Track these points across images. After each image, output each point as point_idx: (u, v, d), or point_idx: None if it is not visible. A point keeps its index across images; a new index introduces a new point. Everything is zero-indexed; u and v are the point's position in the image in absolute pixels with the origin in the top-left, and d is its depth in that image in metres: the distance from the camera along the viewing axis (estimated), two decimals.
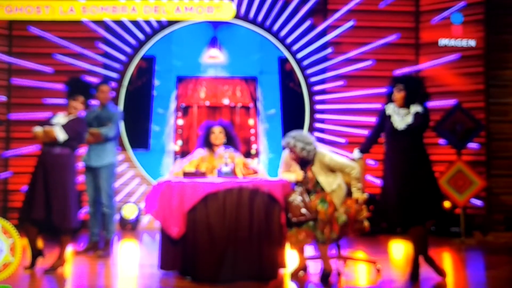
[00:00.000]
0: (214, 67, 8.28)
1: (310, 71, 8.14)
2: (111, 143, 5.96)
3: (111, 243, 5.96)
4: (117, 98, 7.93)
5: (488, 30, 7.71)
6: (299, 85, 8.18)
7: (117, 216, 6.73)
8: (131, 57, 8.06)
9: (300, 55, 8.15)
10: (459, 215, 7.09)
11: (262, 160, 8.19)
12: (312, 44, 8.12)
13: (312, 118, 8.12)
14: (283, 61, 8.25)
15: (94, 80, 7.24)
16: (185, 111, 8.25)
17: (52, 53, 7.89)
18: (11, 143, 7.96)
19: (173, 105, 8.22)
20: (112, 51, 8.01)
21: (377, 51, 8.03)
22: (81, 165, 5.90)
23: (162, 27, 8.07)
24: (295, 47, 8.15)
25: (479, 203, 7.52)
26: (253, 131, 8.26)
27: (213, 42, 8.25)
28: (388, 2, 8.06)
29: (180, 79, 8.28)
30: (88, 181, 5.99)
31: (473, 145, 7.51)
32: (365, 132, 6.97)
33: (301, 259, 4.84)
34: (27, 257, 4.99)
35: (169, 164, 8.01)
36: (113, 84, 7.71)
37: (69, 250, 5.51)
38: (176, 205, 4.70)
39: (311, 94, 8.15)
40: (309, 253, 5.26)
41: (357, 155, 5.14)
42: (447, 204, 7.14)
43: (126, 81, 8.03)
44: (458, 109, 7.34)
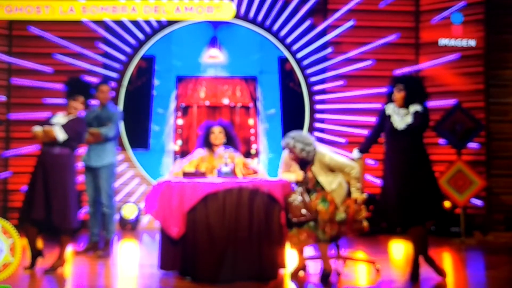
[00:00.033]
0: (214, 67, 8.27)
1: (310, 71, 8.13)
2: (111, 143, 5.95)
3: (111, 243, 5.96)
4: (117, 98, 7.92)
5: (488, 30, 7.71)
6: (299, 85, 8.17)
7: (117, 216, 6.73)
8: (131, 57, 8.06)
9: (300, 55, 8.14)
10: (459, 215, 7.09)
11: (262, 160, 8.19)
12: (312, 44, 8.12)
13: (312, 118, 8.11)
14: (283, 61, 8.24)
15: (94, 80, 7.24)
16: (185, 111, 8.25)
17: (52, 53, 7.89)
18: (11, 143, 7.95)
19: (173, 105, 8.22)
20: (112, 51, 8.00)
21: (377, 51, 8.02)
22: (80, 165, 5.90)
23: (162, 27, 8.06)
24: (295, 47, 8.14)
25: (479, 203, 7.52)
26: (253, 131, 8.25)
27: (213, 42, 8.25)
28: (388, 2, 8.05)
29: (180, 79, 8.28)
30: (88, 181, 5.98)
31: (473, 145, 7.50)
32: (365, 132, 6.96)
33: (301, 259, 4.84)
34: (27, 257, 4.99)
35: (169, 164, 8.00)
36: (113, 84, 7.71)
37: (69, 250, 5.50)
38: (176, 205, 4.70)
39: (311, 94, 8.14)
40: (309, 253, 5.26)
41: (356, 155, 5.14)
42: (447, 204, 7.13)
43: (126, 81, 8.03)
44: (458, 109, 7.34)
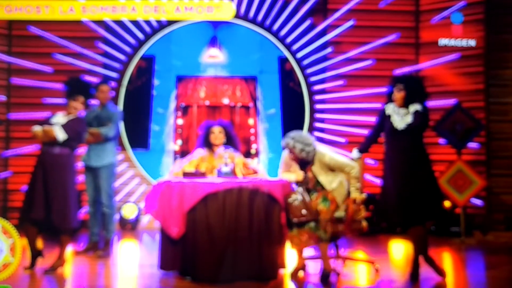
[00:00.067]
0: (214, 67, 8.27)
1: (310, 70, 8.13)
2: (111, 143, 5.95)
3: (111, 243, 5.96)
4: (116, 97, 7.92)
5: (488, 29, 7.71)
6: (299, 85, 8.17)
7: (117, 216, 6.72)
8: (130, 57, 8.05)
9: (300, 54, 8.14)
10: (459, 214, 7.09)
11: (262, 159, 8.18)
12: (312, 43, 8.11)
13: (312, 117, 8.11)
14: (283, 60, 8.24)
15: (94, 79, 7.24)
16: (184, 110, 8.24)
17: (51, 52, 7.88)
18: (11, 142, 7.95)
19: (172, 104, 8.21)
20: (111, 51, 8.00)
21: (377, 50, 8.02)
22: (80, 165, 5.89)
23: (161, 26, 8.06)
24: (295, 47, 8.14)
25: (479, 202, 7.52)
26: (253, 130, 8.25)
27: (213, 41, 8.24)
28: (388, 1, 8.05)
29: (179, 79, 8.28)
30: (88, 181, 5.98)
31: (473, 145, 7.50)
32: (365, 131, 6.95)
33: (300, 259, 4.83)
34: (27, 257, 4.98)
35: (169, 163, 8.00)
36: (112, 83, 7.71)
37: (69, 250, 5.50)
38: (176, 205, 4.70)
39: (311, 93, 8.14)
40: (309, 253, 5.26)
41: (356, 155, 5.13)
42: (447, 203, 7.13)
43: (125, 81, 8.02)
44: (458, 108, 7.33)
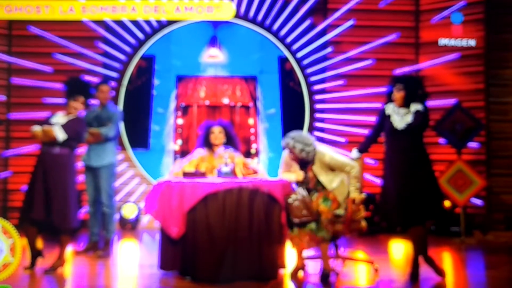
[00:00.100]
0: (214, 67, 8.26)
1: (310, 70, 8.13)
2: (111, 143, 5.95)
3: (111, 243, 5.96)
4: (116, 97, 7.92)
5: (488, 29, 7.70)
6: (299, 85, 8.17)
7: (117, 215, 6.72)
8: (130, 57, 8.05)
9: (300, 54, 8.14)
10: (459, 214, 7.09)
11: (262, 159, 8.18)
12: (312, 43, 8.11)
13: (312, 117, 8.11)
14: (283, 60, 8.24)
15: (94, 79, 7.24)
16: (185, 110, 8.24)
17: (51, 52, 7.88)
18: (11, 142, 7.95)
19: (172, 104, 8.21)
20: (111, 51, 8.00)
21: (377, 50, 8.02)
22: (80, 164, 5.89)
23: (161, 26, 8.06)
24: (295, 46, 8.14)
25: (479, 202, 7.52)
26: (253, 130, 8.25)
27: (213, 41, 8.24)
28: (388, 1, 8.05)
29: (180, 79, 8.28)
30: (88, 181, 5.98)
31: (473, 145, 7.50)
32: (365, 131, 6.95)
33: (300, 259, 4.83)
34: (27, 257, 4.98)
35: (169, 163, 8.00)
36: (112, 83, 7.71)
37: (69, 250, 5.50)
38: (176, 205, 4.70)
39: (311, 93, 8.14)
40: (308, 253, 5.25)
41: (355, 154, 5.13)
42: (447, 203, 7.13)
43: (125, 81, 8.02)
44: (458, 108, 7.33)
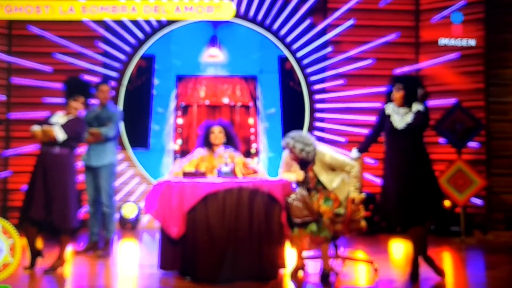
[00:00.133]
0: (213, 66, 8.26)
1: (310, 70, 8.13)
2: (111, 142, 5.94)
3: (111, 242, 5.95)
4: (116, 97, 7.91)
5: (488, 29, 7.70)
6: (299, 84, 8.17)
7: (117, 215, 6.72)
8: (130, 56, 8.05)
9: (300, 54, 8.13)
10: (459, 214, 7.09)
11: (262, 159, 8.18)
12: (312, 43, 8.11)
13: (312, 117, 8.11)
14: (283, 60, 8.24)
15: (93, 79, 7.24)
16: (184, 110, 8.24)
17: (51, 52, 7.88)
18: (11, 142, 7.95)
19: (172, 104, 8.21)
20: (111, 50, 7.99)
21: (377, 50, 8.02)
22: (80, 164, 5.89)
23: (161, 26, 8.05)
24: (295, 46, 8.13)
25: (479, 202, 7.52)
26: (253, 130, 8.25)
27: (213, 41, 8.24)
28: (388, 1, 8.04)
29: (179, 78, 8.27)
30: (88, 181, 5.98)
31: (473, 144, 7.50)
32: (365, 131, 6.95)
33: (300, 259, 4.83)
34: (27, 257, 4.98)
35: (169, 163, 8.00)
36: (112, 83, 7.72)
37: (69, 250, 5.50)
38: (176, 205, 4.70)
39: (311, 93, 8.13)
40: (308, 252, 5.24)
41: (355, 154, 5.13)
42: (447, 203, 7.13)
43: (125, 80, 8.02)
44: (458, 108, 7.33)
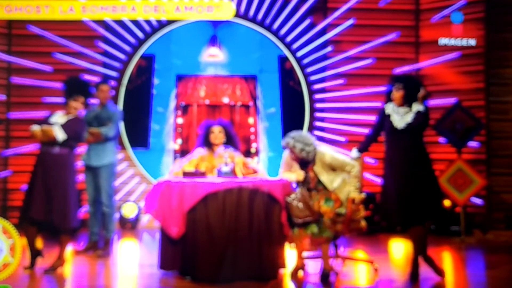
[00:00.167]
0: (213, 66, 8.26)
1: (310, 69, 8.12)
2: (111, 142, 5.94)
3: (111, 242, 5.95)
4: (116, 97, 7.91)
5: (488, 28, 7.69)
6: (299, 84, 8.16)
7: (117, 215, 6.72)
8: (130, 56, 8.04)
9: (300, 53, 8.13)
10: (459, 213, 7.09)
11: (262, 158, 8.18)
12: (312, 42, 8.10)
13: (312, 116, 8.10)
14: (283, 59, 8.23)
15: (93, 79, 7.24)
16: (184, 109, 8.24)
17: (51, 52, 7.87)
18: (10, 142, 7.95)
19: (172, 103, 8.21)
20: (111, 50, 7.99)
21: (377, 49, 8.01)
22: (80, 164, 5.89)
23: (161, 25, 8.05)
24: (295, 46, 8.13)
25: (479, 201, 7.52)
26: (253, 129, 8.25)
27: (213, 40, 8.24)
28: (388, 0, 8.03)
29: (179, 78, 8.27)
30: (88, 181, 5.97)
31: (473, 144, 7.49)
32: (365, 130, 6.94)
33: (300, 259, 4.83)
34: (27, 257, 4.98)
35: (169, 163, 7.99)
36: (112, 83, 7.72)
37: (69, 249, 5.49)
38: (175, 205, 4.70)
39: (311, 92, 8.13)
40: (308, 252, 5.24)
41: (355, 154, 5.13)
42: (447, 202, 7.13)
43: (125, 80, 8.01)
44: (458, 107, 7.32)
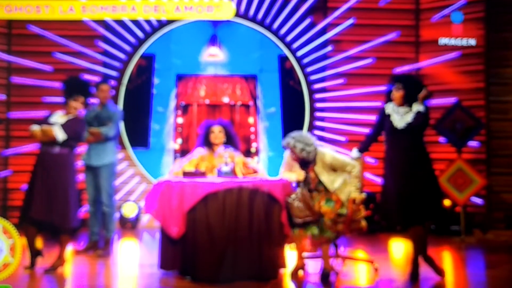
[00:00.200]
0: (214, 65, 8.26)
1: (310, 69, 8.12)
2: (111, 142, 5.94)
3: (111, 242, 5.95)
4: (116, 96, 7.91)
5: (488, 28, 7.69)
6: (299, 83, 8.16)
7: (117, 215, 6.72)
8: (130, 56, 8.04)
9: (300, 53, 8.13)
10: (459, 213, 7.09)
11: (262, 158, 8.18)
12: (312, 42, 8.10)
13: (312, 116, 8.10)
14: (283, 59, 8.23)
15: (93, 78, 7.24)
16: (185, 109, 8.24)
17: (51, 51, 7.87)
18: (10, 141, 7.94)
19: (172, 103, 8.21)
20: (111, 50, 7.99)
21: (377, 49, 8.01)
22: (80, 164, 5.89)
23: (161, 25, 8.05)
24: (295, 45, 8.13)
25: (479, 201, 7.52)
26: (253, 129, 8.25)
27: (213, 40, 8.23)
28: (388, 0, 8.04)
29: (179, 77, 8.27)
30: (88, 180, 5.98)
31: (473, 143, 7.49)
32: (365, 130, 6.95)
33: (300, 259, 4.83)
34: (27, 257, 4.98)
35: (169, 162, 7.99)
36: (112, 82, 7.71)
37: (69, 249, 5.50)
38: (176, 204, 4.70)
39: (311, 92, 8.13)
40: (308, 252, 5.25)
41: (355, 154, 5.13)
42: (447, 202, 7.14)
43: (125, 80, 8.01)
44: (458, 107, 7.32)
